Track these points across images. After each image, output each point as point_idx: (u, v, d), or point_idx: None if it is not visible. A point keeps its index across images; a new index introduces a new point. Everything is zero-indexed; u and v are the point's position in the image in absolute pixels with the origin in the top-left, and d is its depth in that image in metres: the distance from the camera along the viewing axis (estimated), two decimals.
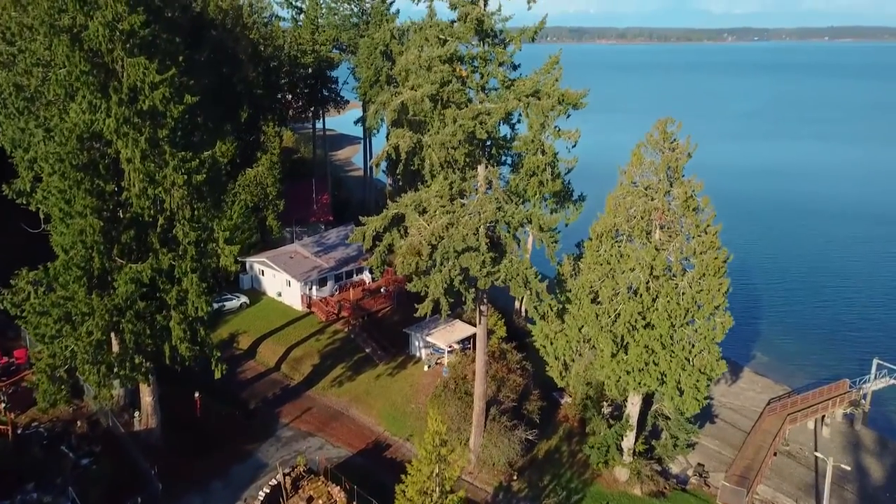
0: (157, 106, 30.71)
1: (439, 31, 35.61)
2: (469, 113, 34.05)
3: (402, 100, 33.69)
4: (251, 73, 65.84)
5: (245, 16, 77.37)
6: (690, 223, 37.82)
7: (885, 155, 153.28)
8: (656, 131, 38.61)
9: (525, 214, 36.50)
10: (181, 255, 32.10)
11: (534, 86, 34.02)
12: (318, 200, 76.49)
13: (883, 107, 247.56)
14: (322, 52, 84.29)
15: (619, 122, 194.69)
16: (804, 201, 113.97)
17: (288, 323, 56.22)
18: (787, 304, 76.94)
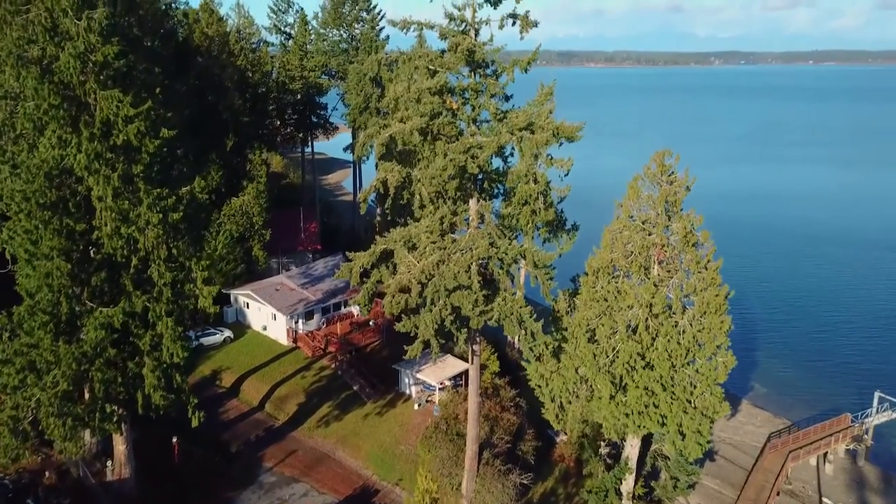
0: (132, 140, 29.13)
1: (429, 62, 34.36)
2: (460, 147, 32.68)
3: (391, 133, 32.27)
4: (237, 100, 64.47)
5: (232, 42, 76.29)
6: (690, 259, 36.46)
7: (874, 179, 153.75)
8: (654, 164, 37.39)
9: (519, 250, 35.02)
10: (156, 298, 30.30)
11: (527, 119, 32.74)
12: (305, 229, 74.82)
13: (868, 130, 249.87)
14: (311, 79, 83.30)
15: (608, 146, 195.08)
16: (797, 226, 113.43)
17: (273, 358, 54.22)
18: (784, 333, 75.68)
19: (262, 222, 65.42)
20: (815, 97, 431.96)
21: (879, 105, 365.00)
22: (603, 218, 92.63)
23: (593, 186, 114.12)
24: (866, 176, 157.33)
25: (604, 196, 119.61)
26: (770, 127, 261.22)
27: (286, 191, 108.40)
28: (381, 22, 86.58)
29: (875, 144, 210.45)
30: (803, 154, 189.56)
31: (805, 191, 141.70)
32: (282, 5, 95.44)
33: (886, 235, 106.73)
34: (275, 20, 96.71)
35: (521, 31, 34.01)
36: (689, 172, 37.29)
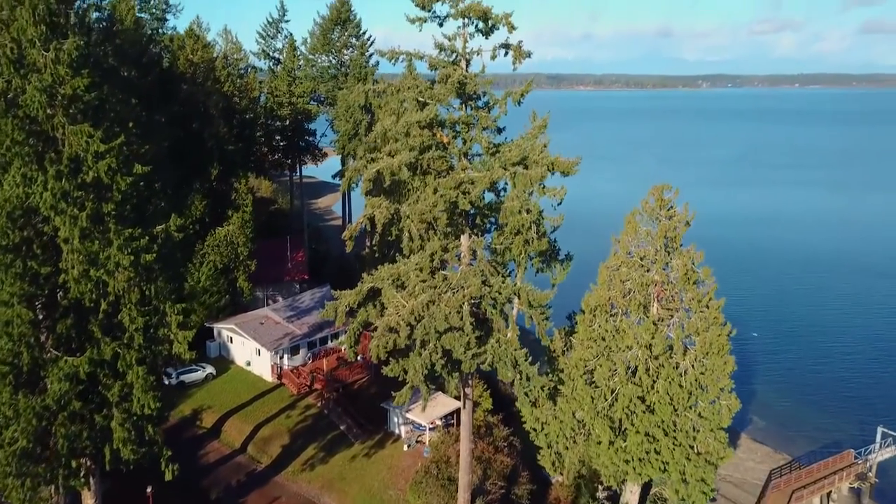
0: (102, 178, 27.40)
1: (418, 93, 32.96)
2: (451, 182, 31.17)
3: (379, 168, 30.73)
4: (222, 128, 62.93)
5: (219, 68, 75.02)
6: (691, 297, 34.94)
7: (865, 203, 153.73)
8: (652, 198, 36.02)
9: (513, 289, 33.39)
10: (126, 344, 28.36)
11: (521, 153, 31.32)
12: (292, 258, 72.97)
13: (856, 153, 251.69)
14: (299, 105, 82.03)
15: (598, 170, 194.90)
16: (791, 251, 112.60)
17: (257, 396, 52.06)
18: (782, 363, 74.20)
19: (247, 253, 63.56)
20: (803, 120, 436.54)
21: (865, 128, 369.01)
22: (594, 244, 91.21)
23: (584, 212, 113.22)
24: (857, 200, 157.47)
25: (595, 221, 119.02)
26: (759, 150, 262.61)
27: (274, 217, 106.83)
28: (371, 48, 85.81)
29: (864, 167, 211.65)
30: (794, 177, 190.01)
31: (797, 215, 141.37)
32: (270, 30, 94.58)
33: (882, 261, 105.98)
34: (263, 45, 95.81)
35: (513, 61, 32.71)
36: (688, 207, 35.94)
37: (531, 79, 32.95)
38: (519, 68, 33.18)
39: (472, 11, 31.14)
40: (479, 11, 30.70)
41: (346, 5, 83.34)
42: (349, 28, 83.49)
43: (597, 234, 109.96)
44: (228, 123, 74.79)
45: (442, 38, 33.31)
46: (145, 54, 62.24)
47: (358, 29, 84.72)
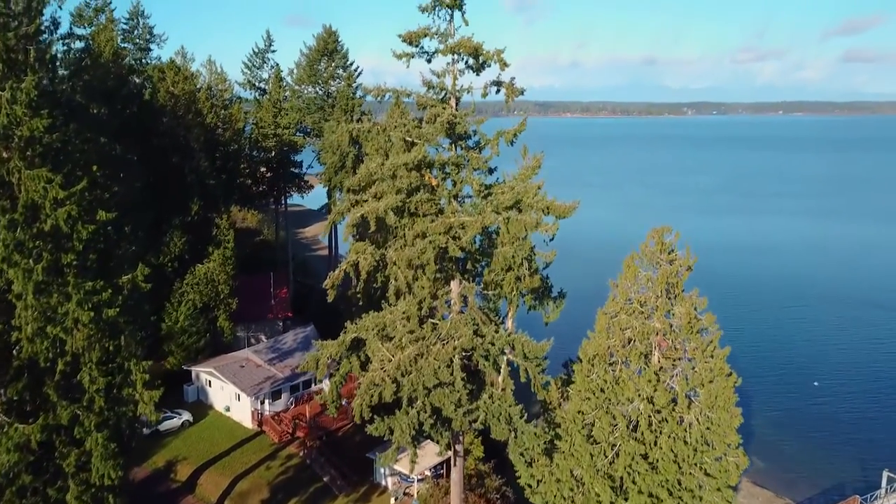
0: (62, 226, 25.23)
1: (405, 133, 31.19)
2: (440, 227, 29.25)
3: (363, 213, 28.76)
4: (203, 162, 60.92)
5: (202, 100, 73.32)
6: (695, 347, 32.99)
7: (857, 231, 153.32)
8: (652, 241, 34.22)
9: (507, 340, 31.32)
10: (86, 407, 25.93)
11: (514, 196, 29.50)
12: (276, 294, 70.56)
13: (842, 180, 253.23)
14: (284, 136, 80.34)
15: (587, 197, 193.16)
16: (785, 282, 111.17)
17: (235, 445, 49.33)
18: (780, 401, 72.09)
19: (228, 290, 61.20)
20: (787, 147, 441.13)
21: (849, 155, 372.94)
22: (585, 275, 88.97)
23: (575, 241, 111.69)
24: (849, 229, 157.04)
25: (586, 251, 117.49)
26: (746, 177, 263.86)
27: (259, 248, 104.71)
28: (358, 78, 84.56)
29: (852, 195, 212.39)
30: (782, 206, 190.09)
31: (789, 244, 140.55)
32: (256, 61, 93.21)
33: (880, 293, 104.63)
34: (249, 76, 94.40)
35: (506, 99, 31.10)
36: (689, 251, 34.17)
37: (525, 117, 31.32)
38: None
39: (462, 48, 29.54)
40: (469, 48, 29.08)
41: (332, 36, 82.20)
42: (336, 59, 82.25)
43: (588, 264, 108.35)
44: (211, 156, 73.01)
45: (430, 74, 31.78)
46: (125, 86, 60.49)
47: (345, 60, 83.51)
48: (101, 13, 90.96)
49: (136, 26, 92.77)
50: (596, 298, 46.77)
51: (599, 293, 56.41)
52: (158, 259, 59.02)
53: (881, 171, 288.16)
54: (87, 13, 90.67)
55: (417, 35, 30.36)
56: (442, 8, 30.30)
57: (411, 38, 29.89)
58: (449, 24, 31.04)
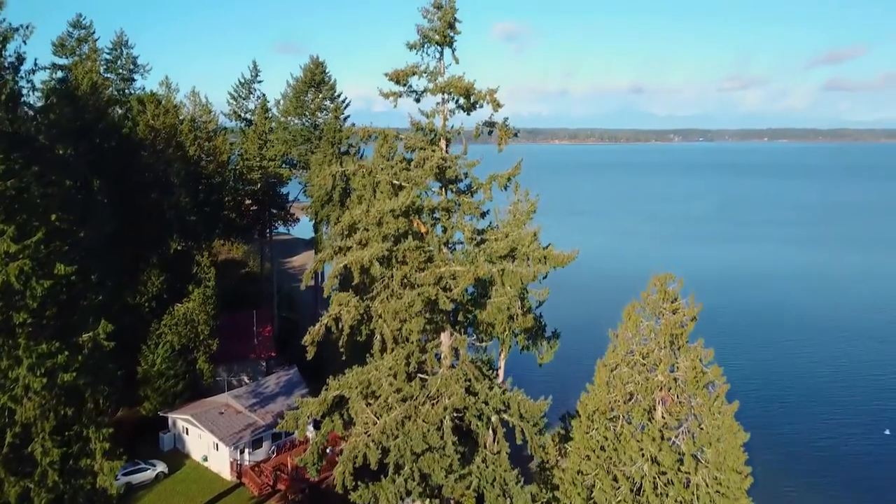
0: (13, 283, 22.95)
1: (393, 176, 29.30)
2: (430, 277, 27.21)
3: (347, 262, 26.70)
4: (183, 197, 58.74)
5: (185, 132, 71.40)
6: (701, 403, 30.91)
7: (849, 260, 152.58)
8: (654, 289, 32.29)
9: (501, 398, 29.15)
10: (38, 482, 23.40)
11: (509, 245, 27.61)
12: (259, 333, 67.98)
13: (829, 207, 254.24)
14: (270, 169, 78.39)
15: (576, 226, 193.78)
16: (781, 313, 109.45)
17: (212, 500, 46.40)
18: (783, 439, 69.88)
19: (208, 331, 58.60)
20: (774, 174, 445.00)
21: (834, 182, 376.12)
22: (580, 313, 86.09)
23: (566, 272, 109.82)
24: (842, 257, 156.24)
25: (578, 284, 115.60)
26: (736, 205, 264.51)
27: (244, 281, 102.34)
28: (348, 109, 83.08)
29: (841, 223, 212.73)
30: (774, 234, 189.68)
31: (783, 273, 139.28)
32: (242, 91, 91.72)
33: (882, 326, 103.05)
34: (234, 106, 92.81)
35: (499, 142, 29.35)
36: (693, 298, 32.27)
37: (520, 160, 29.54)
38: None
39: (452, 87, 27.86)
40: (460, 88, 27.40)
41: (319, 67, 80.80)
42: (323, 90, 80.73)
43: (582, 299, 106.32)
44: (194, 189, 70.91)
45: (419, 115, 30.04)
46: (103, 120, 58.49)
47: (332, 91, 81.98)
48: (84, 43, 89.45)
49: (119, 56, 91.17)
50: (590, 336, 44.61)
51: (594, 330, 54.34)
52: (135, 299, 56.55)
53: (868, 198, 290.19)
54: (70, 43, 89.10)
55: (405, 74, 28.67)
56: (431, 45, 28.66)
57: (398, 76, 28.18)
58: (439, 61, 29.43)
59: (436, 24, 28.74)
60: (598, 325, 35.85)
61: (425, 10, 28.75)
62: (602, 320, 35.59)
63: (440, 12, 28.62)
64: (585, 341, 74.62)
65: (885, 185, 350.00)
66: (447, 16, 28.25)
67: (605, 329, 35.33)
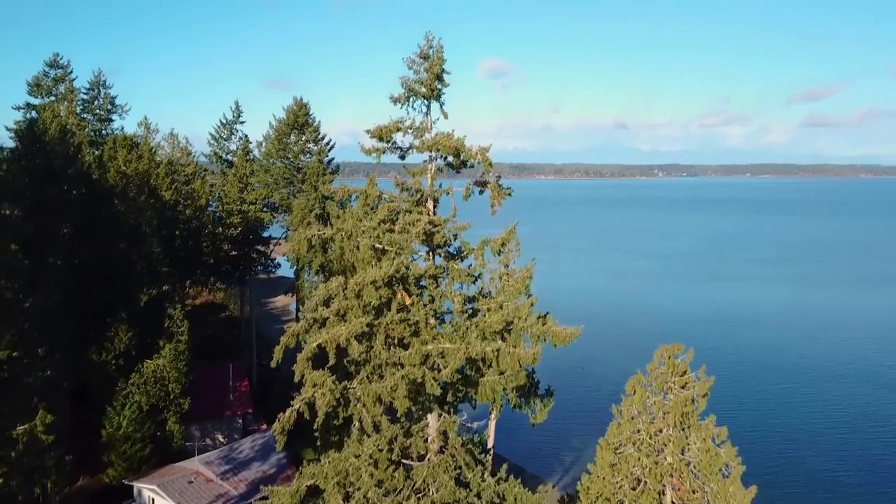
0: None
1: (374, 239, 26.59)
2: (416, 356, 24.32)
3: (321, 341, 23.76)
4: (155, 247, 55.65)
5: (161, 175, 68.64)
6: (716, 490, 27.97)
7: (840, 299, 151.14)
8: (660, 361, 29.59)
9: (496, 489, 26.04)
10: None
11: (504, 318, 24.83)
12: (235, 388, 64.30)
13: (815, 245, 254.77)
14: (250, 213, 75.64)
15: (564, 263, 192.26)
16: (777, 357, 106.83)
17: None
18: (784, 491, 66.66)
19: (180, 389, 54.98)
20: (758, 210, 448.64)
21: (818, 218, 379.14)
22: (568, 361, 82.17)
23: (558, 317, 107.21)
24: (833, 296, 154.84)
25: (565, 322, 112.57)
26: (722, 241, 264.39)
27: (224, 326, 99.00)
28: (331, 152, 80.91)
29: (828, 260, 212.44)
30: (762, 272, 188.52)
31: (775, 314, 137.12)
32: (224, 132, 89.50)
33: (880, 369, 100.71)
34: (216, 147, 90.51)
35: (492, 203, 26.80)
36: (704, 371, 29.57)
37: (515, 224, 26.96)
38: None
39: (440, 146, 25.38)
40: (449, 147, 24.96)
41: (303, 109, 78.76)
42: (307, 132, 78.58)
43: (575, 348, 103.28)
44: (170, 235, 67.97)
45: (404, 174, 27.50)
46: (72, 165, 55.68)
47: (316, 133, 79.88)
48: (61, 83, 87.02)
49: (96, 96, 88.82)
50: (586, 390, 41.34)
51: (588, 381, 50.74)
52: (101, 356, 53.02)
53: (853, 235, 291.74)
54: (46, 83, 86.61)
55: (389, 130, 26.19)
56: (417, 99, 26.26)
57: (381, 133, 25.68)
58: (425, 116, 26.99)
59: (422, 75, 26.40)
60: (591, 377, 33.12)
61: (410, 60, 26.43)
62: (595, 370, 32.84)
63: (427, 63, 26.31)
64: (580, 395, 71.57)
65: (868, 222, 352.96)
66: (435, 67, 25.93)
67: (599, 380, 32.64)
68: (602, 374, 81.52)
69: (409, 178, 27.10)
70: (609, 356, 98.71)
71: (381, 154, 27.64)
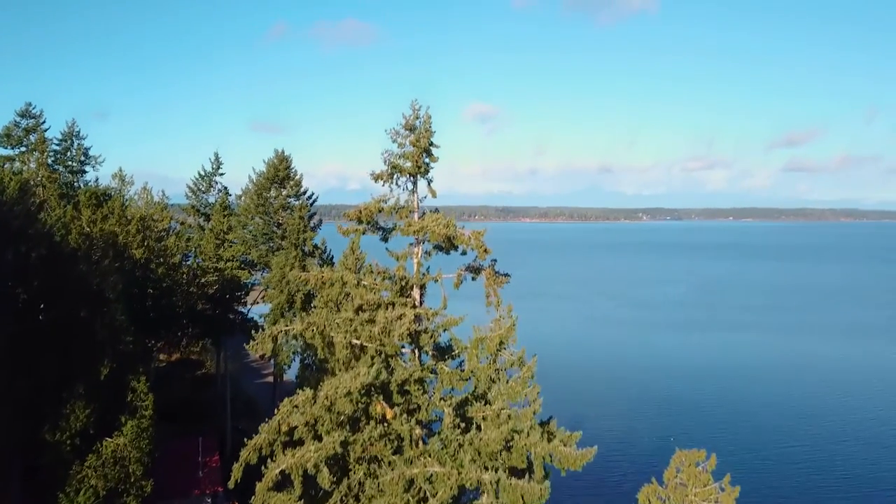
0: None
1: (352, 333, 23.02)
2: (398, 483, 20.51)
3: (285, 467, 19.92)
4: (119, 315, 51.52)
5: (132, 232, 64.89)
6: None
7: (836, 350, 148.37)
8: (678, 468, 25.92)
9: None
10: None
11: (502, 437, 21.14)
12: (205, 464, 59.46)
13: (803, 291, 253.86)
14: (227, 271, 71.78)
15: (552, 311, 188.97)
16: (779, 415, 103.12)
17: None
18: None
19: (142, 471, 50.12)
20: (743, 254, 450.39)
21: (804, 263, 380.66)
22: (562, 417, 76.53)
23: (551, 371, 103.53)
24: (827, 346, 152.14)
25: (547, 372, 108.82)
26: (710, 288, 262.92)
27: (199, 384, 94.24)
28: (313, 206, 77.66)
29: (817, 308, 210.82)
30: (754, 321, 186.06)
31: (771, 366, 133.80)
32: (202, 184, 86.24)
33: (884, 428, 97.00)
34: (193, 200, 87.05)
35: (487, 294, 23.40)
36: (729, 481, 25.88)
37: (512, 320, 23.49)
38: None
39: (429, 232, 22.04)
40: (438, 234, 21.67)
41: (284, 162, 75.71)
42: (288, 187, 75.42)
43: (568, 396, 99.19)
44: (140, 295, 63.89)
45: (387, 258, 24.13)
46: (33, 225, 51.89)
47: (298, 188, 76.75)
48: (32, 133, 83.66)
49: (69, 147, 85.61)
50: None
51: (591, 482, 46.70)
52: (55, 436, 48.26)
53: (838, 281, 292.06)
54: (17, 133, 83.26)
55: (370, 211, 22.95)
56: (402, 176, 23.07)
57: (360, 216, 22.34)
58: (411, 194, 23.77)
59: (408, 149, 23.27)
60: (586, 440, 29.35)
61: (394, 132, 23.31)
62: (591, 432, 29.07)
63: (413, 135, 23.19)
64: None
65: (852, 268, 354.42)
66: (422, 140, 22.83)
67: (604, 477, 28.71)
68: (607, 468, 75.48)
69: (393, 262, 23.74)
70: (604, 414, 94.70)
71: (360, 235, 24.32)
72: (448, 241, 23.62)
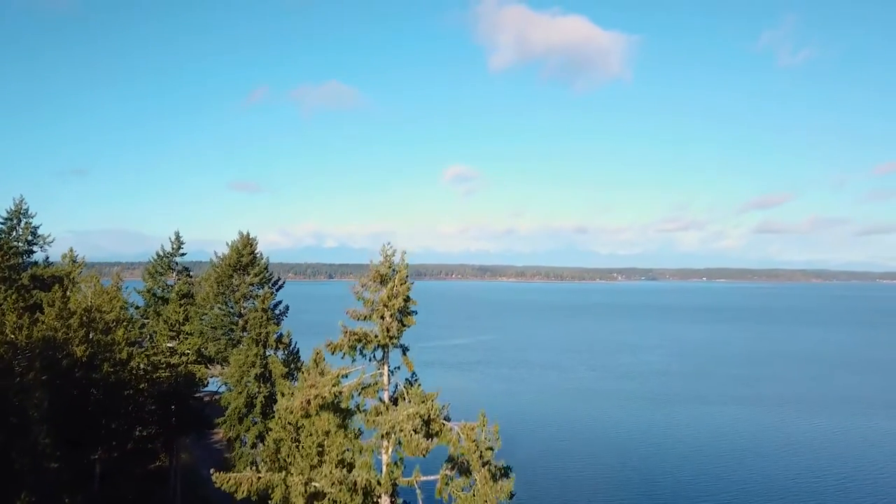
0: None
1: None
2: None
3: None
4: (43, 438, 44.66)
5: (73, 327, 58.35)
6: None
7: (832, 426, 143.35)
8: None
9: None
10: None
11: None
12: None
13: (777, 357, 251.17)
14: (180, 367, 65.14)
15: (529, 382, 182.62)
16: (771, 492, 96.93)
17: None
18: None
19: None
20: (718, 318, 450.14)
21: (782, 326, 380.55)
22: None
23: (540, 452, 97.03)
24: (823, 423, 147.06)
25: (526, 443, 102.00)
26: (692, 355, 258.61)
27: (151, 479, 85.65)
28: (278, 294, 71.91)
29: (807, 380, 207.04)
30: (740, 393, 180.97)
31: (766, 444, 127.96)
32: (160, 267, 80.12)
33: None
34: (151, 283, 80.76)
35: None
36: None
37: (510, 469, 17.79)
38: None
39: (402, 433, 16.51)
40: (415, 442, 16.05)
41: (248, 247, 70.33)
42: (251, 273, 69.77)
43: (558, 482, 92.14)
44: (79, 402, 56.92)
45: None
46: None
47: (263, 273, 71.19)
48: None
49: (15, 227, 79.34)
50: None
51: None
52: None
53: (813, 346, 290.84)
54: None
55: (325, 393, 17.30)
56: (367, 347, 17.69)
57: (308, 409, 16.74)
58: (381, 365, 18.32)
59: (377, 307, 17.97)
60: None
61: (360, 285, 18.00)
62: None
63: (385, 290, 17.92)
64: None
65: (823, 332, 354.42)
66: (396, 300, 17.54)
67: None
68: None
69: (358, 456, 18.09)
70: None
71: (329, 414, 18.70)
72: (427, 422, 18.14)
